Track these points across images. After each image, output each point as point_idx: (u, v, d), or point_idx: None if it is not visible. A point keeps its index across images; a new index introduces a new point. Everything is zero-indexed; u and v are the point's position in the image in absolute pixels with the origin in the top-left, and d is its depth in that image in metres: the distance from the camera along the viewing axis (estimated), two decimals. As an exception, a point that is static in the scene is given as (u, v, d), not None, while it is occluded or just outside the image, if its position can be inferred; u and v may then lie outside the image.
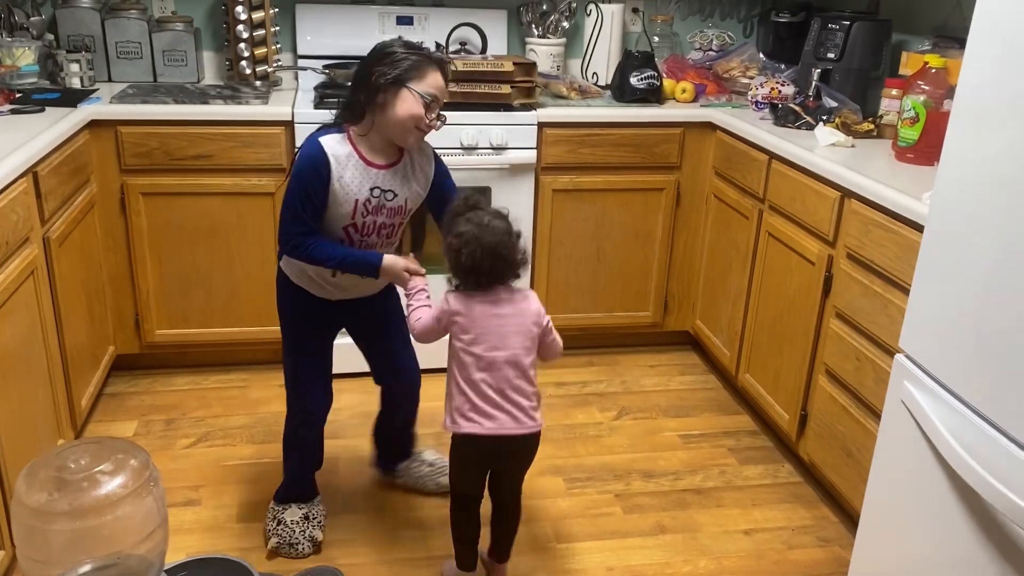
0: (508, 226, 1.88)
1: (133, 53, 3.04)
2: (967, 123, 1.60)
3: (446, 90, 1.98)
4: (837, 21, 2.85)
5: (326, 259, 1.96)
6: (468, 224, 1.84)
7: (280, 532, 2.20)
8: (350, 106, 1.94)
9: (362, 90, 1.90)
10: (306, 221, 1.92)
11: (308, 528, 2.21)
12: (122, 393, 2.90)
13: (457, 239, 1.84)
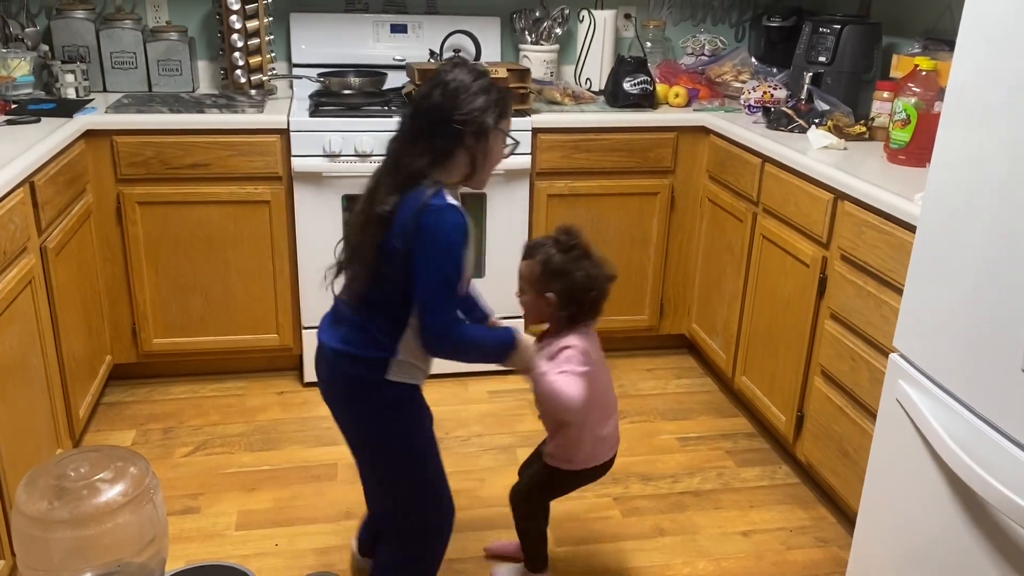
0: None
1: (128, 63, 3.05)
2: (957, 124, 1.62)
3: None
4: (828, 25, 2.87)
5: (478, 343, 1.74)
6: (588, 262, 1.83)
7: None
8: (446, 155, 1.65)
9: (457, 137, 1.63)
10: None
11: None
12: (120, 402, 2.91)
13: (587, 278, 1.82)
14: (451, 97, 1.62)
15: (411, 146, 1.65)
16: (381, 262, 1.65)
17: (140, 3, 3.17)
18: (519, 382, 3.11)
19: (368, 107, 2.91)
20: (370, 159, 2.80)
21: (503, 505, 2.43)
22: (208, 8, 3.21)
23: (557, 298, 1.83)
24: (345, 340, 1.75)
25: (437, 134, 1.63)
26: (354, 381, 1.76)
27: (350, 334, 1.74)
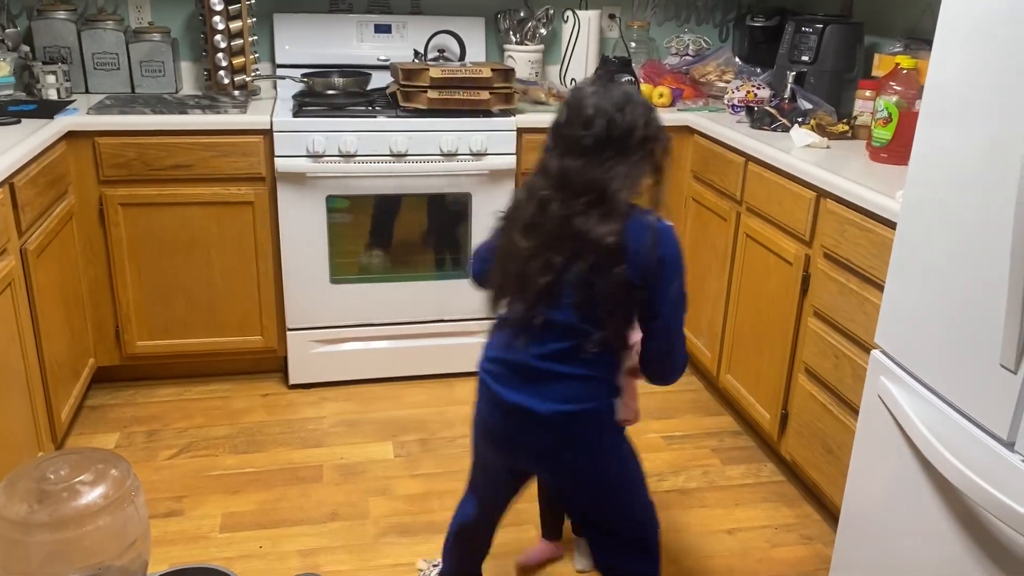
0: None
1: (110, 64, 3.03)
2: (935, 122, 1.63)
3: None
4: (811, 24, 2.88)
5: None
6: None
7: None
8: (638, 174, 1.57)
9: (649, 154, 1.56)
10: None
11: None
12: (103, 405, 2.89)
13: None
14: (635, 114, 1.52)
15: (600, 168, 1.50)
16: (626, 299, 1.52)
17: (122, 4, 3.15)
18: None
19: (352, 107, 2.90)
20: (354, 159, 2.79)
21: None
22: (191, 9, 3.19)
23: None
24: (570, 399, 1.56)
25: (631, 152, 1.52)
26: (595, 438, 1.61)
27: (574, 390, 1.57)
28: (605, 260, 1.48)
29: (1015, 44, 1.41)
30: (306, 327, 2.96)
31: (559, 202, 1.51)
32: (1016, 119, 1.39)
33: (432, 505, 2.42)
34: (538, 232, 1.52)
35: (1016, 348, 1.38)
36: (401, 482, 2.53)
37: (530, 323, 1.53)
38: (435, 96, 2.83)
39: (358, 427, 2.81)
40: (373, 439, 2.74)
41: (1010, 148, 1.40)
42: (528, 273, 1.53)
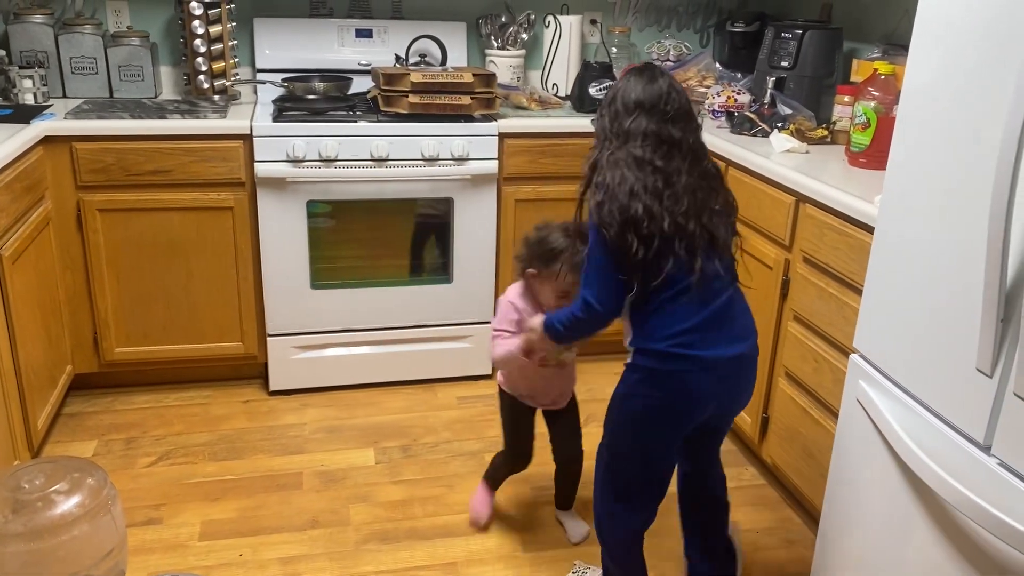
0: (542, 231, 2.06)
1: (88, 68, 3.01)
2: (912, 127, 1.64)
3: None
4: (790, 30, 2.90)
5: None
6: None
7: None
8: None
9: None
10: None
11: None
12: (81, 413, 2.86)
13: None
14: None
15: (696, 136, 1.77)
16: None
17: (101, 8, 3.13)
18: (488, 387, 3.12)
19: (333, 112, 2.89)
20: (335, 164, 2.78)
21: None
22: (171, 13, 3.17)
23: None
24: (749, 330, 1.82)
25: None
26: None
27: (748, 321, 1.82)
28: (731, 212, 1.80)
29: (990, 49, 1.42)
30: (286, 333, 2.95)
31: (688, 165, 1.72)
32: (992, 124, 1.40)
33: (414, 512, 2.41)
34: (688, 191, 1.70)
35: (992, 352, 1.39)
36: (382, 489, 2.52)
37: (707, 277, 1.69)
38: (416, 101, 2.83)
39: (339, 433, 2.80)
40: (354, 445, 2.73)
41: (986, 153, 1.41)
42: (697, 233, 1.69)
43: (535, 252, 2.04)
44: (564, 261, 1.99)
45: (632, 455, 1.84)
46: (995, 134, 1.35)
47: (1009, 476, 1.38)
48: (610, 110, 1.76)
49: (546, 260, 2.02)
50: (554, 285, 2.02)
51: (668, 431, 1.81)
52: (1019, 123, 1.27)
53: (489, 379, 3.18)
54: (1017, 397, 1.35)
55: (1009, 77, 1.33)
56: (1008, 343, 1.38)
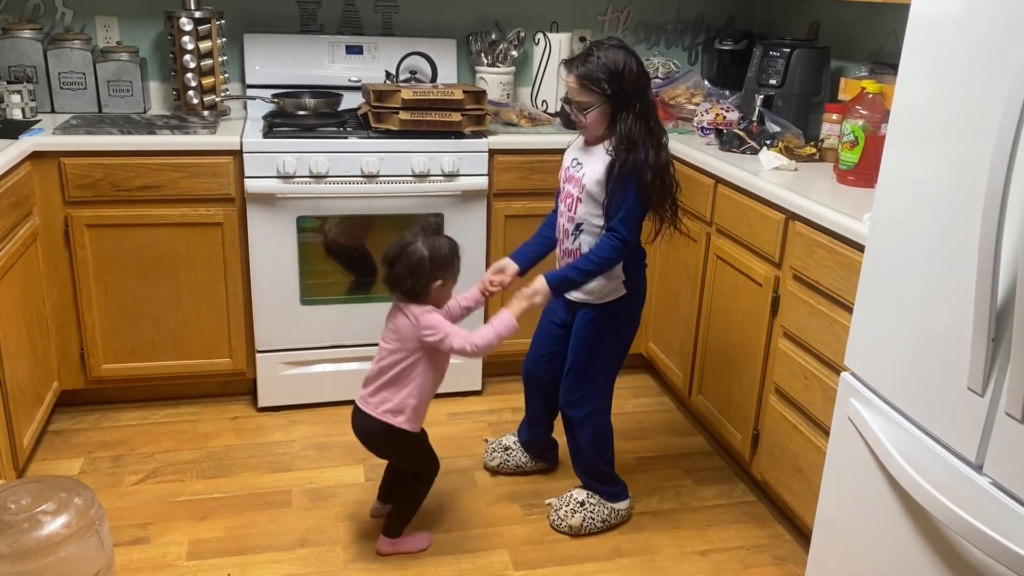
0: (418, 248, 2.11)
1: (77, 84, 3.00)
2: (901, 146, 1.65)
3: (573, 88, 2.17)
4: (778, 48, 2.93)
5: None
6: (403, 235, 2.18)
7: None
8: None
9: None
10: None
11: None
12: (67, 430, 2.83)
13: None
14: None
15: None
16: None
17: (90, 23, 3.12)
18: (479, 404, 3.11)
19: (323, 128, 2.89)
20: (325, 180, 2.78)
21: (463, 529, 2.41)
22: (160, 29, 3.17)
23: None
24: None
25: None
26: None
27: None
28: None
29: (980, 69, 1.44)
30: (276, 349, 2.93)
31: None
32: (981, 142, 1.41)
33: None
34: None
35: (983, 371, 1.40)
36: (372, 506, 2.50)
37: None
38: (407, 117, 2.83)
39: (328, 450, 2.78)
40: (343, 463, 2.71)
41: (975, 171, 1.42)
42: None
43: (438, 265, 2.13)
44: (456, 257, 2.18)
45: (621, 359, 2.41)
46: (985, 152, 1.37)
47: (1001, 495, 1.38)
48: (630, 76, 2.11)
49: (446, 265, 2.15)
50: (453, 282, 2.20)
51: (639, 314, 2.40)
52: (1009, 141, 1.29)
53: (479, 395, 3.17)
54: (1009, 416, 1.36)
55: (998, 96, 1.35)
56: (999, 362, 1.38)
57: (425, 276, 2.11)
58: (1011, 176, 1.30)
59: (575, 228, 2.26)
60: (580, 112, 2.17)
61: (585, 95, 2.15)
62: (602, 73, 2.11)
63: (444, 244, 2.15)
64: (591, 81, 2.12)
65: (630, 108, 2.13)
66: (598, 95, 2.13)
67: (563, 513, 2.42)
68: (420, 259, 2.10)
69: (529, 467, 2.69)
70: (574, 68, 2.16)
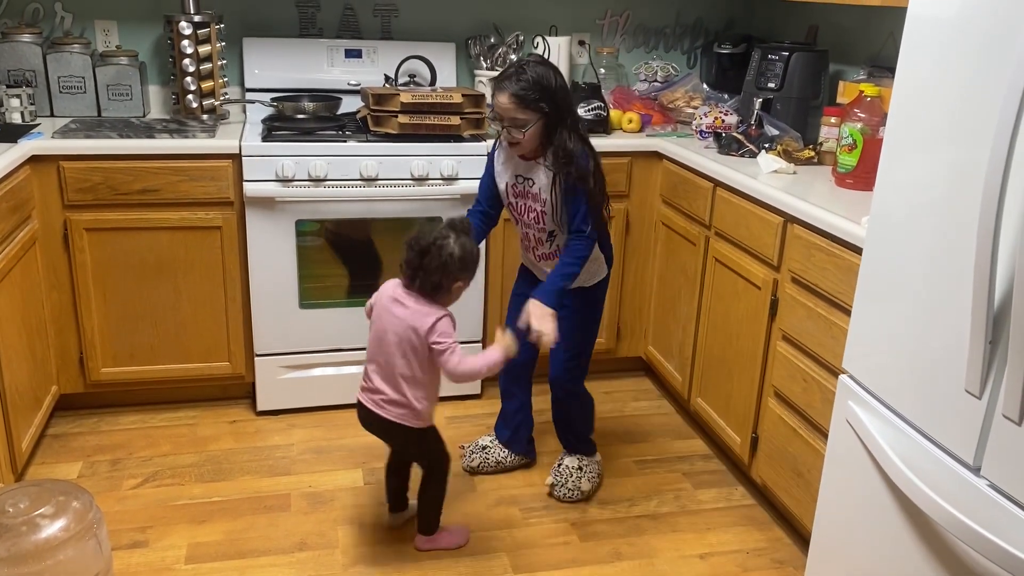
0: (451, 245, 2.09)
1: (76, 87, 3.00)
2: (899, 149, 1.65)
3: (508, 107, 2.19)
4: (777, 52, 2.93)
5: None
6: (432, 226, 2.16)
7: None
8: None
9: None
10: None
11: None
12: (66, 434, 2.83)
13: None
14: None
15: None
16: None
17: (89, 27, 3.13)
18: (477, 407, 3.11)
19: (322, 131, 2.90)
20: (324, 184, 2.78)
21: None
22: (159, 33, 3.17)
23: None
24: None
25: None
26: None
27: None
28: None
29: (977, 73, 1.44)
30: (274, 352, 2.93)
31: None
32: (978, 145, 1.41)
33: (404, 534, 2.40)
34: None
35: (980, 373, 1.40)
36: (371, 510, 2.50)
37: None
38: (406, 121, 2.83)
39: (327, 454, 2.78)
40: (342, 466, 2.71)
41: (973, 175, 1.42)
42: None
43: (465, 266, 2.13)
44: (478, 261, 2.18)
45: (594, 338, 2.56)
46: (982, 155, 1.37)
47: (999, 498, 1.38)
48: (560, 92, 2.21)
49: (471, 268, 2.16)
50: (468, 286, 2.19)
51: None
52: (1005, 144, 1.29)
53: (478, 399, 3.17)
54: (1006, 419, 1.36)
55: (996, 98, 1.35)
56: (997, 364, 1.38)
57: (453, 274, 2.11)
58: (1008, 179, 1.30)
59: (548, 236, 2.38)
60: (517, 129, 2.20)
61: (521, 113, 2.18)
62: (536, 91, 2.16)
63: (472, 246, 2.15)
64: (527, 100, 2.17)
65: (563, 123, 2.21)
66: (534, 112, 2.18)
67: (571, 484, 2.55)
68: (451, 256, 2.09)
69: (510, 462, 2.72)
70: (508, 87, 2.18)
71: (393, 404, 2.15)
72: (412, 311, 2.11)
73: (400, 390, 2.14)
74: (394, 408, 2.16)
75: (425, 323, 2.09)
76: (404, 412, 2.16)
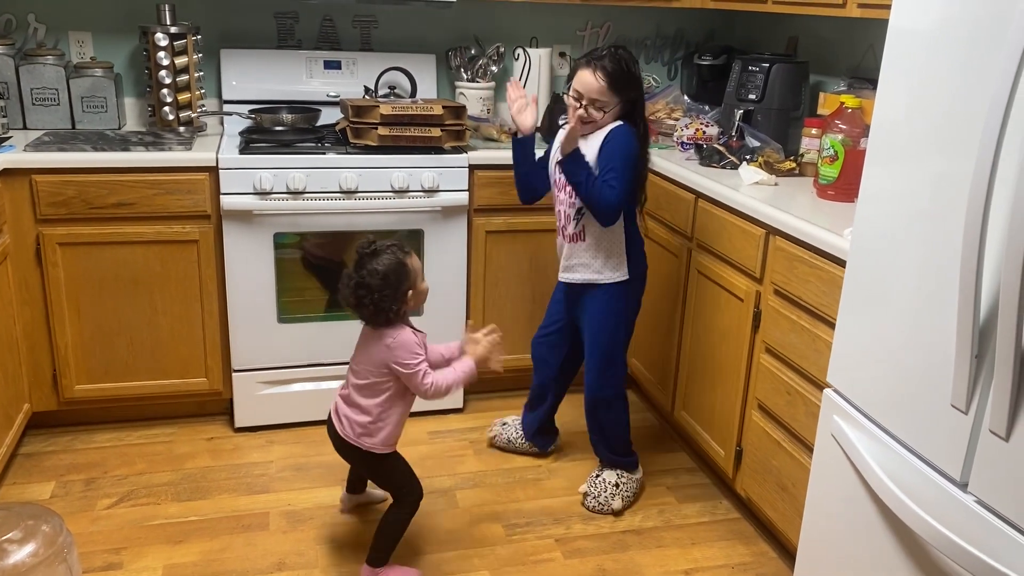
0: (366, 280, 2.06)
1: (50, 100, 2.95)
2: (882, 161, 1.65)
3: (598, 86, 2.27)
4: (757, 63, 2.93)
5: None
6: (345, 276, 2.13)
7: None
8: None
9: None
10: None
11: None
12: (38, 453, 2.77)
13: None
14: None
15: None
16: None
17: (63, 39, 3.08)
18: (460, 422, 3.08)
19: (301, 144, 2.87)
20: (303, 196, 2.75)
21: (444, 550, 2.38)
22: (135, 44, 3.13)
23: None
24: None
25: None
26: None
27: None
28: None
29: (959, 82, 1.44)
30: (252, 368, 2.89)
31: None
32: (962, 156, 1.41)
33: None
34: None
35: (967, 388, 1.39)
36: (351, 528, 2.45)
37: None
38: (386, 133, 2.81)
39: (306, 471, 2.74)
40: (322, 484, 2.67)
41: (957, 186, 1.42)
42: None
43: (395, 283, 2.08)
44: (405, 261, 2.12)
45: (630, 338, 2.60)
46: (966, 167, 1.36)
47: (986, 513, 1.37)
48: (640, 86, 2.34)
49: (403, 277, 2.10)
50: (420, 281, 2.16)
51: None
52: (990, 156, 1.28)
53: (461, 413, 3.14)
54: (993, 434, 1.34)
55: (979, 109, 1.34)
56: (983, 379, 1.37)
57: (394, 299, 2.09)
58: (992, 190, 1.29)
59: (576, 212, 2.40)
60: (597, 110, 2.29)
61: (607, 95, 2.27)
62: (628, 79, 2.27)
63: (389, 260, 2.08)
64: (620, 84, 2.27)
65: (636, 113, 2.34)
66: (620, 98, 2.28)
67: (603, 499, 2.55)
68: (374, 291, 2.06)
69: (518, 444, 2.85)
70: (605, 67, 2.26)
71: (352, 423, 2.16)
72: (384, 349, 2.10)
73: (361, 408, 2.15)
74: (352, 428, 2.16)
75: (394, 359, 2.09)
76: (362, 432, 2.16)
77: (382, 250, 2.10)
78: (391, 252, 2.10)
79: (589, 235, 2.42)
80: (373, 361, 2.12)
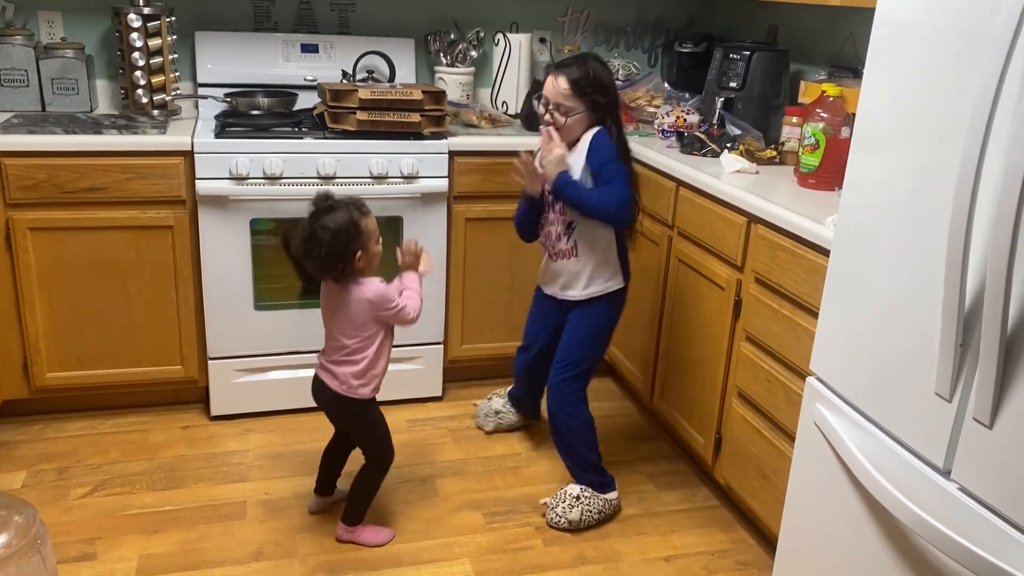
0: (319, 234, 2.05)
1: (19, 81, 2.88)
2: (867, 150, 1.64)
3: (563, 92, 2.29)
4: (738, 51, 2.93)
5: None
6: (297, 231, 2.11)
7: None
8: None
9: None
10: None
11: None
12: (9, 442, 2.72)
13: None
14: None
15: None
16: None
17: (32, 18, 3.01)
18: (439, 410, 3.06)
19: (277, 128, 2.82)
20: (280, 182, 2.71)
21: (424, 539, 2.37)
22: (107, 25, 3.06)
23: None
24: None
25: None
26: None
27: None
28: None
29: (945, 72, 1.44)
30: (229, 356, 2.85)
31: None
32: (948, 146, 1.41)
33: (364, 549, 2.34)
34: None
35: (951, 377, 1.39)
36: (330, 517, 2.43)
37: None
38: (364, 118, 2.77)
39: (284, 460, 2.71)
40: (300, 472, 2.64)
41: (943, 175, 1.42)
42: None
43: (355, 236, 2.08)
44: (359, 219, 2.09)
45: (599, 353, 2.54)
46: (952, 156, 1.36)
47: (969, 501, 1.38)
48: (612, 93, 2.33)
49: (355, 235, 2.08)
50: (374, 243, 2.14)
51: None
52: (977, 145, 1.28)
53: (440, 401, 3.12)
54: (976, 422, 1.35)
55: (966, 99, 1.34)
56: (967, 368, 1.38)
57: (341, 258, 2.08)
58: (979, 179, 1.30)
59: (567, 228, 2.39)
60: (561, 115, 2.29)
61: (571, 100, 2.28)
62: (593, 84, 2.26)
63: (340, 216, 2.07)
64: (583, 89, 2.26)
65: (605, 122, 2.32)
66: (584, 103, 2.28)
67: (560, 510, 2.43)
68: (323, 246, 2.05)
69: (507, 414, 2.93)
70: (568, 72, 2.27)
71: (347, 376, 2.19)
72: (363, 304, 2.14)
73: (353, 362, 2.18)
74: (347, 382, 2.19)
75: (377, 305, 2.14)
76: (359, 384, 2.19)
77: (338, 206, 2.09)
78: (346, 210, 2.08)
79: (581, 249, 2.39)
80: (356, 323, 2.15)
